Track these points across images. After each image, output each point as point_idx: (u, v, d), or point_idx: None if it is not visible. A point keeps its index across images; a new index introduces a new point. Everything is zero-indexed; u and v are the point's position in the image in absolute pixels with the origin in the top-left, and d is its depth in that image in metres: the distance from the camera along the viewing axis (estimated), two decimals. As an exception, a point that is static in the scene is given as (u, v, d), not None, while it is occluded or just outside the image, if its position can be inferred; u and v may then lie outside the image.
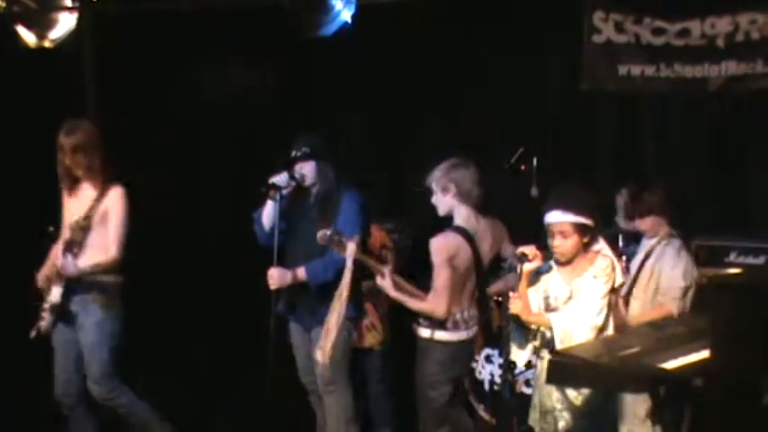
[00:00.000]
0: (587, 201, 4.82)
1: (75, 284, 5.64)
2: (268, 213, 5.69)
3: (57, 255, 5.71)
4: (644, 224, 5.72)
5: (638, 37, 6.93)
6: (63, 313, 5.68)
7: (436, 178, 5.58)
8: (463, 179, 5.54)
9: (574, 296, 4.81)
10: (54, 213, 5.95)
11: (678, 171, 7.02)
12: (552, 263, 4.91)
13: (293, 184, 5.63)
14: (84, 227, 5.61)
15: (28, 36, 7.09)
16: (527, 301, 4.84)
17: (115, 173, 5.77)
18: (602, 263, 4.80)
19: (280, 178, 5.61)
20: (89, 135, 5.65)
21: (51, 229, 5.83)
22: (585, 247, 4.83)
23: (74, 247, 5.59)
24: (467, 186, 5.53)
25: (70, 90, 7.48)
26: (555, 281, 4.89)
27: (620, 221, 6.21)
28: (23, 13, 6.95)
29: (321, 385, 5.70)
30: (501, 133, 7.37)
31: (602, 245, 4.87)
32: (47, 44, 7.01)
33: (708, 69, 6.78)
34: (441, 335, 5.51)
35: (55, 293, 5.66)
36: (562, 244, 4.79)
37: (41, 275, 5.75)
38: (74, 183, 5.70)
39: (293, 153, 5.67)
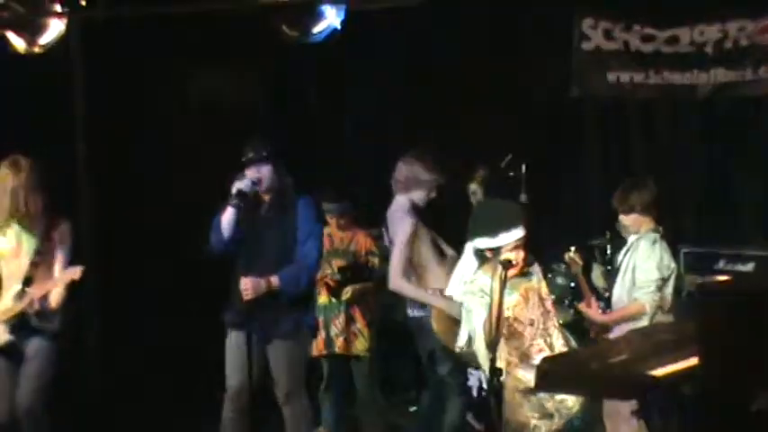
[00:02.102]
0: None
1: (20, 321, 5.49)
2: (229, 221, 5.48)
3: None
4: (627, 220, 5.71)
5: (628, 44, 6.96)
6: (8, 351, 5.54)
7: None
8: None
9: None
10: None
11: (667, 178, 7.03)
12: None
13: (255, 189, 5.48)
14: (36, 262, 5.49)
15: (17, 41, 7.06)
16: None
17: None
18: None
19: (245, 184, 5.46)
20: (28, 174, 5.49)
21: None
22: None
23: (30, 282, 5.47)
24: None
25: (59, 95, 7.46)
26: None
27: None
28: (13, 19, 6.92)
29: (280, 396, 5.56)
30: (490, 140, 7.37)
31: None
32: (36, 49, 6.99)
33: (697, 76, 6.80)
34: None
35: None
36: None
37: None
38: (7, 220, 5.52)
39: (249, 156, 5.54)
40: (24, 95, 7.32)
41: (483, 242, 4.77)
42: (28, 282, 5.47)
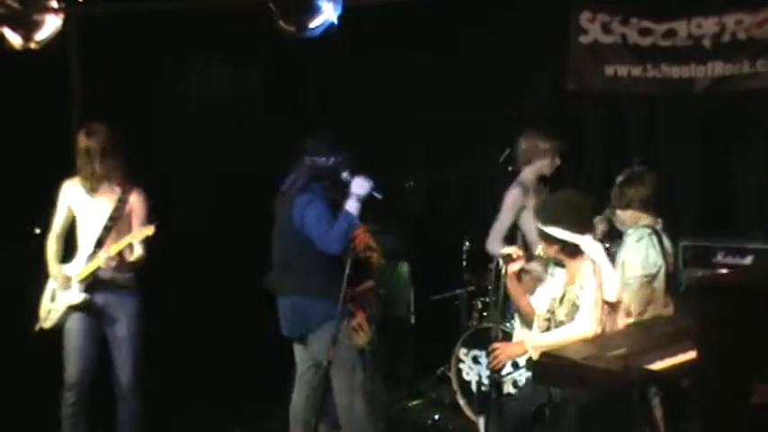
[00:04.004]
0: (564, 211, 4.88)
1: (99, 283, 5.71)
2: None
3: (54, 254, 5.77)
4: (624, 215, 5.71)
5: (625, 37, 6.95)
6: (86, 309, 5.73)
7: None
8: None
9: (564, 304, 4.87)
10: (41, 213, 5.95)
11: (665, 171, 7.03)
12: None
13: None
14: (109, 227, 5.70)
15: (13, 38, 7.04)
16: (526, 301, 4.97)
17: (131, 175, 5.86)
18: (587, 270, 4.85)
19: (369, 188, 5.56)
20: (111, 137, 5.76)
21: (38, 230, 5.83)
22: (571, 255, 4.89)
23: (101, 246, 5.65)
24: None
25: (57, 91, 7.46)
26: (554, 282, 5.04)
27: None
28: (8, 15, 6.90)
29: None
30: (488, 134, 7.37)
31: (592, 251, 4.87)
32: (32, 46, 6.97)
33: (694, 70, 6.79)
34: None
35: (73, 294, 5.69)
36: (545, 249, 4.98)
37: (60, 275, 5.75)
38: (96, 184, 5.75)
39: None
40: (20, 92, 7.32)
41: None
42: (100, 243, 5.67)
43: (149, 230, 5.61)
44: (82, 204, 5.79)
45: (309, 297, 5.64)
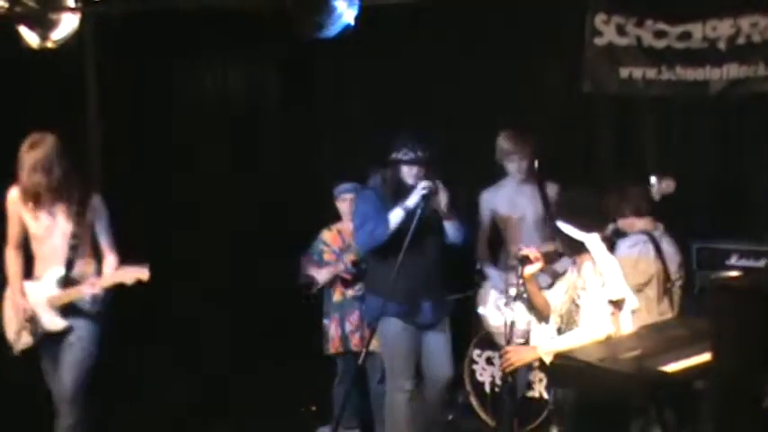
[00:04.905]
0: (574, 208, 4.90)
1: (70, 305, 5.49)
2: (400, 218, 5.72)
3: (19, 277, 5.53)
4: (623, 223, 5.78)
5: (640, 40, 6.92)
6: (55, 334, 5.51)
7: None
8: None
9: (567, 303, 4.92)
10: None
11: (679, 173, 7.02)
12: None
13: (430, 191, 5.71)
14: (75, 246, 5.47)
15: (30, 37, 7.07)
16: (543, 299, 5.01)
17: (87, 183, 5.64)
18: (588, 270, 4.87)
19: (426, 188, 5.67)
20: (57, 147, 5.38)
21: None
22: (576, 252, 4.91)
23: (71, 267, 5.48)
24: None
25: (72, 91, 7.48)
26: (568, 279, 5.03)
27: None
28: (25, 14, 6.93)
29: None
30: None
31: (595, 249, 4.88)
32: (49, 45, 6.99)
33: (709, 72, 6.76)
34: None
35: (52, 320, 5.49)
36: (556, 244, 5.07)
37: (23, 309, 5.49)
38: (46, 197, 5.42)
39: (409, 156, 5.78)
40: (37, 92, 7.34)
41: None
42: (70, 265, 5.47)
43: (144, 275, 5.37)
44: (33, 219, 5.48)
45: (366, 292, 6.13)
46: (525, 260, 4.91)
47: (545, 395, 6.43)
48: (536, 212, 6.40)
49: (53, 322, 5.51)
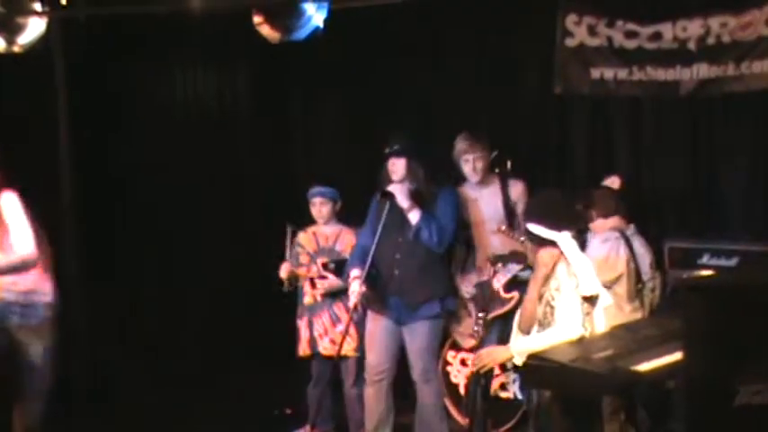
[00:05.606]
0: (544, 209, 4.91)
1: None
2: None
3: None
4: (593, 227, 5.82)
5: (611, 40, 6.94)
6: None
7: None
8: None
9: (542, 304, 4.93)
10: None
11: (651, 173, 7.04)
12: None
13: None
14: None
15: (-4, 41, 7.01)
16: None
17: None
18: (561, 271, 4.87)
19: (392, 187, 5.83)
20: None
21: None
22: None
23: None
24: None
25: (41, 95, 7.43)
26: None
27: None
28: (-8, 18, 6.87)
29: (418, 374, 6.02)
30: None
31: (567, 247, 4.88)
32: (16, 49, 6.93)
33: (680, 72, 6.79)
34: None
35: None
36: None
37: None
38: None
39: (386, 150, 5.92)
40: (5, 96, 7.29)
41: None
42: None
43: None
44: None
45: None
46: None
47: (519, 396, 6.42)
48: (497, 212, 6.34)
49: None
